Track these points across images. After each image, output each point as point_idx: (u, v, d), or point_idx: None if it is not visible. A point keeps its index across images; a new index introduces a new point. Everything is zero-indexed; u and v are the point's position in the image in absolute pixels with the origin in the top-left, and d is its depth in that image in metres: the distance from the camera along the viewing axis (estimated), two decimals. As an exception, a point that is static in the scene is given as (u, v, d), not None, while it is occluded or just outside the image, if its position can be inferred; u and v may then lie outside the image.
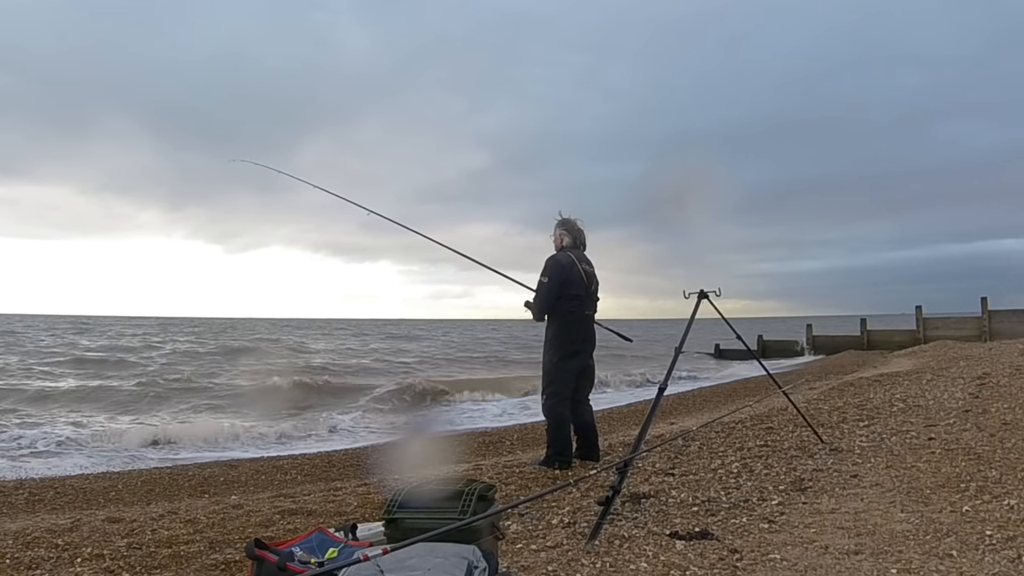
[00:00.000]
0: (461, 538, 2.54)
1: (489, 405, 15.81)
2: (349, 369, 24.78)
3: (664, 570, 3.21)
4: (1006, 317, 27.76)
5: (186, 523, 4.57)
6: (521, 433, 9.98)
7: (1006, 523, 3.61)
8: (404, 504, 2.85)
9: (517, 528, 3.97)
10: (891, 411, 7.44)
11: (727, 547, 3.50)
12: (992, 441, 5.52)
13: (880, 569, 3.11)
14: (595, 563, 3.31)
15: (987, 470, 4.69)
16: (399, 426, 12.53)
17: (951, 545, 3.36)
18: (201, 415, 13.90)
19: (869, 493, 4.42)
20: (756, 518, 3.99)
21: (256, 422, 12.02)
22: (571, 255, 5.80)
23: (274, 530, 4.37)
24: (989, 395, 7.88)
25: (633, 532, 3.78)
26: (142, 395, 16.38)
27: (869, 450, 5.64)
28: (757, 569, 3.21)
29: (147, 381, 18.85)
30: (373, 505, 4.81)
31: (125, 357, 27.52)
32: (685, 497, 4.47)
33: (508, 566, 3.22)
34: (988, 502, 4.00)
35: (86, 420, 12.71)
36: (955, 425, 6.33)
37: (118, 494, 6.78)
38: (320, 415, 13.22)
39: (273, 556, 2.61)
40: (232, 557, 3.74)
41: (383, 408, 15.08)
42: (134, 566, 3.67)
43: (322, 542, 2.85)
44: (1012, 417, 6.38)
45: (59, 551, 3.94)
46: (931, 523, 3.70)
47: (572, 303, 5.73)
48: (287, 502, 5.23)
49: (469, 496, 2.81)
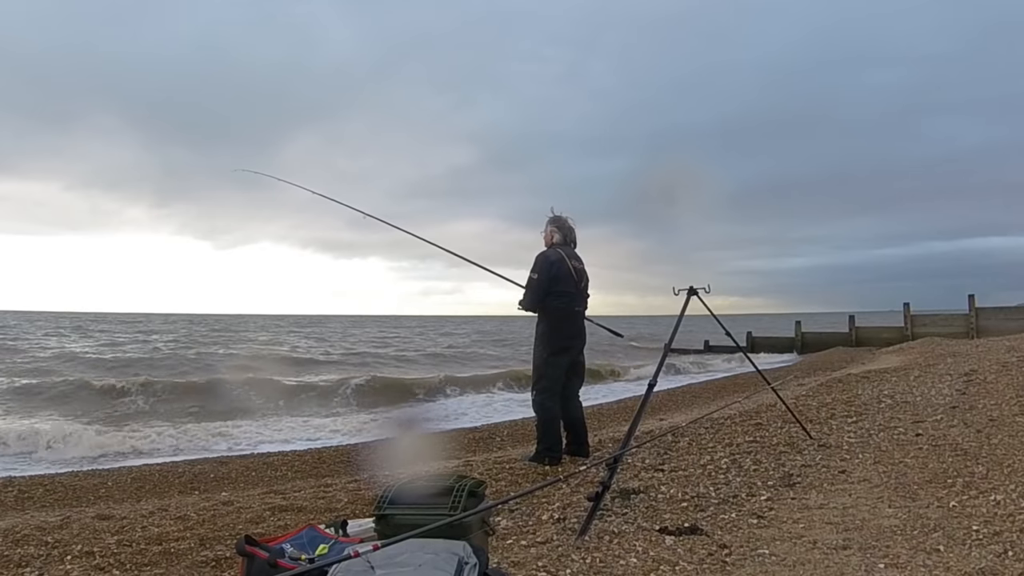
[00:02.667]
0: (451, 534, 2.55)
1: (479, 400, 15.81)
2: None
3: (654, 565, 3.23)
4: (993, 314, 28.01)
5: (176, 520, 4.55)
6: (511, 429, 9.99)
7: (992, 518, 3.64)
8: (394, 500, 2.86)
9: (507, 524, 3.98)
10: (879, 407, 7.49)
11: (716, 542, 3.52)
12: (979, 437, 5.56)
13: (868, 564, 3.13)
14: (585, 558, 3.33)
15: (974, 466, 4.73)
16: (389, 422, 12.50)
17: (938, 540, 3.39)
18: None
19: (857, 488, 4.45)
20: (745, 513, 4.02)
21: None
22: (561, 251, 5.81)
23: (264, 527, 4.36)
24: (976, 392, 7.93)
25: (623, 528, 3.79)
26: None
27: (857, 446, 5.67)
28: (746, 564, 3.23)
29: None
30: (363, 501, 4.81)
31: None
32: (674, 493, 4.49)
33: (498, 562, 3.23)
34: (975, 497, 4.03)
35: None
36: (942, 421, 6.38)
37: (108, 491, 6.76)
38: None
39: (263, 553, 2.62)
40: (222, 554, 3.73)
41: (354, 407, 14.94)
42: (124, 563, 3.65)
43: (312, 538, 2.86)
44: (999, 413, 6.43)
45: (49, 548, 3.93)
46: (918, 518, 3.73)
47: (562, 299, 5.74)
48: (277, 498, 5.22)
49: (459, 492, 2.82)
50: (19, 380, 17.71)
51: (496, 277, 6.40)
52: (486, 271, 6.44)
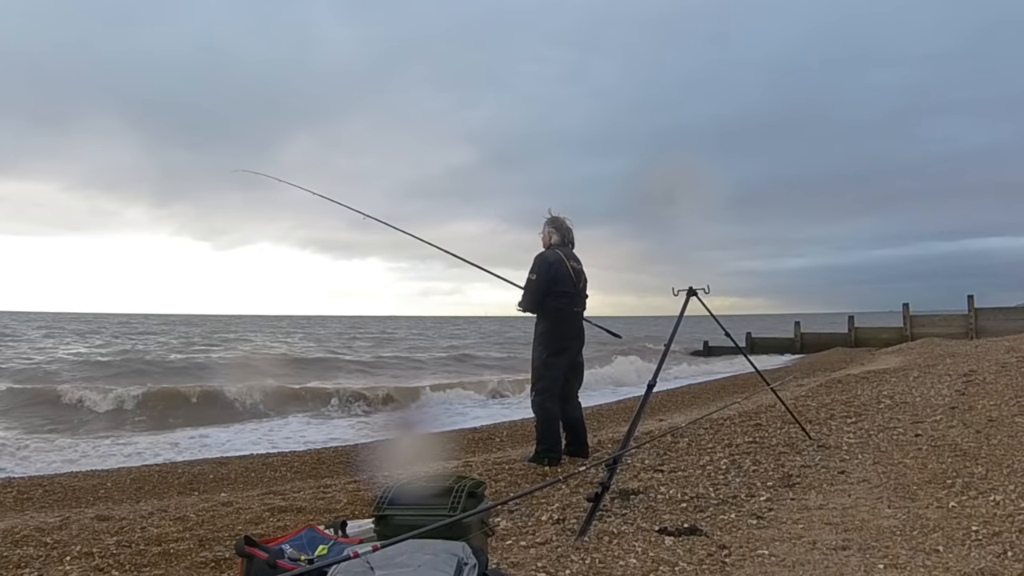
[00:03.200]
0: (451, 535, 2.55)
1: (478, 402, 15.80)
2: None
3: (653, 566, 3.23)
4: (992, 315, 28.06)
5: (175, 521, 4.55)
6: (511, 430, 9.99)
7: (992, 519, 3.64)
8: (394, 501, 2.86)
9: (507, 524, 3.97)
10: (878, 408, 7.49)
11: (716, 543, 3.52)
12: (978, 438, 5.56)
13: (867, 564, 3.13)
14: (584, 559, 3.33)
15: (973, 466, 4.73)
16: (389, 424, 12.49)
17: (938, 540, 3.39)
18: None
19: (856, 489, 4.45)
20: (744, 514, 4.02)
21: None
22: (559, 252, 5.81)
23: (264, 527, 4.36)
24: (975, 392, 7.93)
25: (622, 528, 3.79)
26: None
27: (856, 446, 5.67)
28: (745, 565, 3.23)
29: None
30: (363, 502, 4.81)
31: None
32: (674, 493, 4.49)
33: (498, 562, 3.23)
34: (974, 498, 4.03)
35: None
36: (941, 422, 6.38)
37: (107, 492, 6.75)
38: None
39: (263, 553, 2.62)
40: (222, 555, 3.73)
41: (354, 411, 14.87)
42: (123, 564, 3.65)
43: (312, 539, 2.86)
44: (998, 414, 6.43)
45: (48, 549, 3.93)
46: (918, 519, 3.73)
47: (561, 300, 5.74)
48: (277, 499, 5.21)
49: (459, 493, 2.82)
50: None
51: (496, 278, 6.41)
52: (486, 272, 6.46)
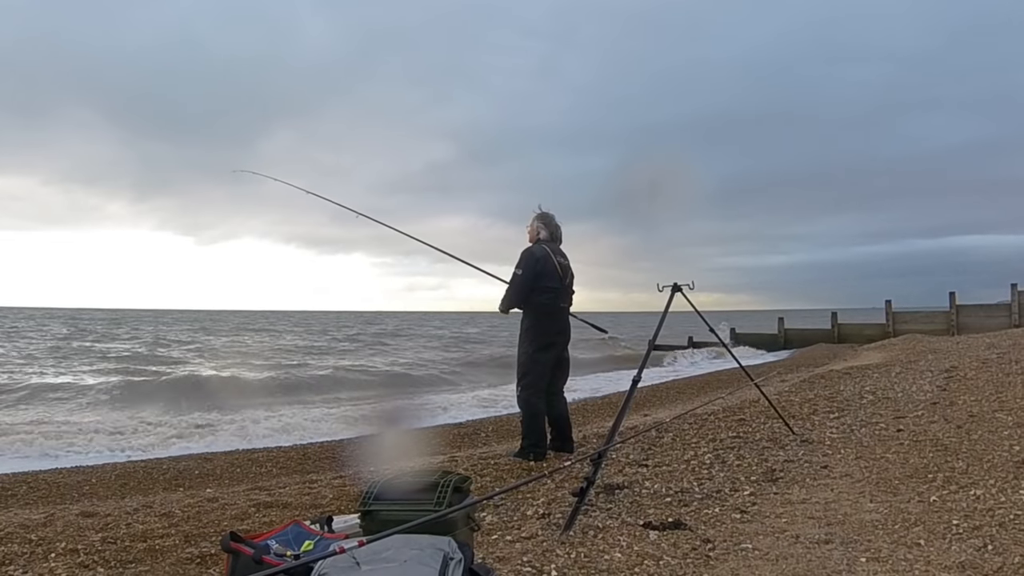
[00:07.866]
0: (437, 530, 2.55)
1: (464, 396, 15.80)
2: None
3: (638, 560, 3.25)
4: (973, 312, 28.32)
5: (161, 517, 4.53)
6: (496, 425, 10.00)
7: (972, 512, 3.69)
8: (380, 496, 2.86)
9: (492, 519, 3.99)
10: (861, 403, 7.56)
11: (700, 537, 3.54)
12: (959, 433, 5.62)
13: (850, 558, 3.17)
14: (570, 553, 3.34)
15: (954, 461, 4.79)
16: (374, 419, 12.47)
17: (919, 534, 3.43)
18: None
19: (839, 483, 4.49)
20: (728, 508, 4.05)
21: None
22: (546, 248, 5.82)
23: (250, 523, 4.35)
24: (956, 388, 8.01)
25: (607, 522, 3.82)
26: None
27: (839, 441, 5.72)
28: (729, 558, 3.26)
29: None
30: (349, 497, 4.81)
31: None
32: (658, 488, 4.52)
33: (483, 557, 3.24)
34: (955, 492, 4.09)
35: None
36: (923, 417, 6.44)
37: (92, 488, 6.71)
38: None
39: (249, 549, 2.61)
40: (208, 551, 3.72)
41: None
42: (109, 560, 3.64)
43: (298, 535, 2.85)
44: (978, 409, 6.50)
45: (33, 546, 3.90)
46: (899, 513, 3.77)
47: (547, 295, 5.75)
48: (263, 495, 5.20)
49: (444, 488, 2.82)
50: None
51: (482, 274, 6.40)
52: (472, 268, 6.44)
